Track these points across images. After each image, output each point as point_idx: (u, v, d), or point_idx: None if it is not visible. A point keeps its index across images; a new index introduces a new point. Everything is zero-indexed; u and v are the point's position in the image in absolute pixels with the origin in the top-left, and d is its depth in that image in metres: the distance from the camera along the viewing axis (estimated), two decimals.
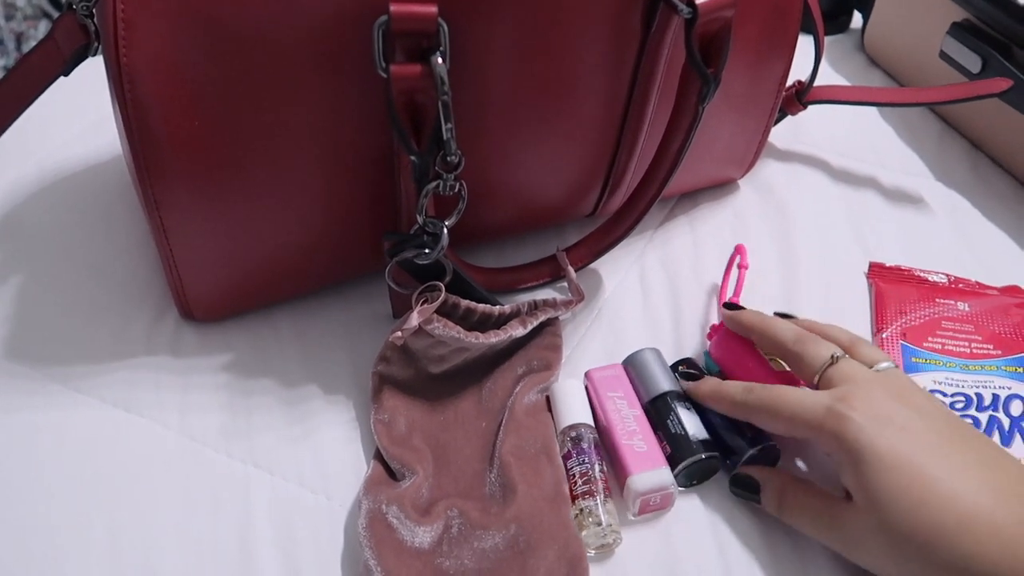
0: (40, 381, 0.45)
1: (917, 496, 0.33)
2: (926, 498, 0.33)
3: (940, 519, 0.32)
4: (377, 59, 0.36)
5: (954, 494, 0.33)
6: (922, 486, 0.33)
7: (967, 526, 0.32)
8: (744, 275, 0.51)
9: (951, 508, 0.33)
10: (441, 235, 0.41)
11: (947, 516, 0.32)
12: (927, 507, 0.33)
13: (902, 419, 0.35)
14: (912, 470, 0.33)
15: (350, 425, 0.44)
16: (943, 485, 0.33)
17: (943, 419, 0.36)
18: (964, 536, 0.32)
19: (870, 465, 0.34)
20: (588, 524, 0.38)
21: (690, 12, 0.39)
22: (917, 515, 0.33)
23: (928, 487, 0.33)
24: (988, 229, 0.58)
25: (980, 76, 0.59)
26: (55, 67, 0.43)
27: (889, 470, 0.34)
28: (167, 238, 0.42)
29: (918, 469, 0.33)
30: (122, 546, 0.39)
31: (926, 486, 0.33)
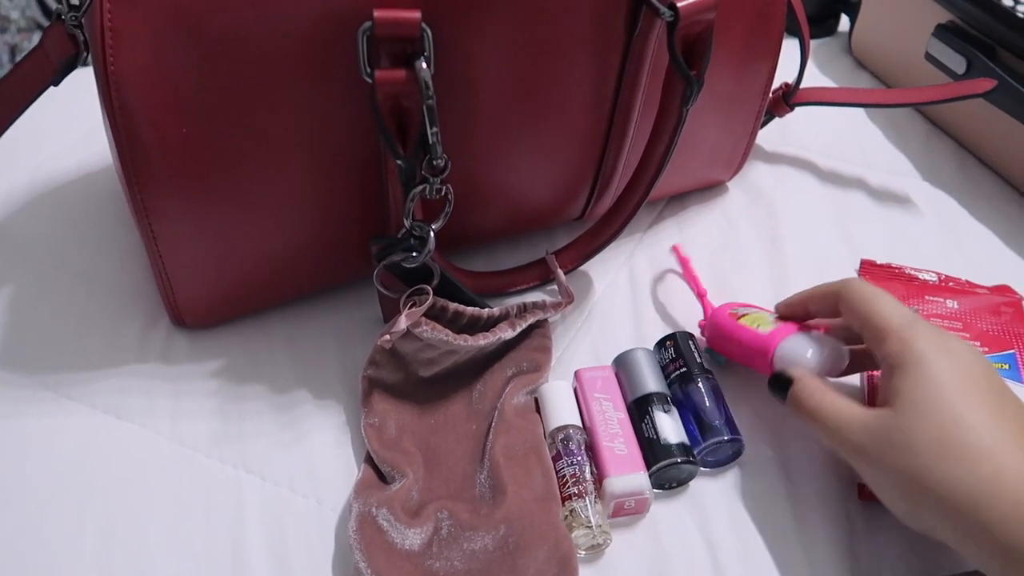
0: (32, 388, 0.45)
1: (951, 422, 0.33)
2: (957, 434, 0.33)
3: (968, 461, 0.33)
4: (362, 64, 0.37)
5: (989, 447, 0.33)
6: (957, 422, 0.34)
7: (993, 481, 0.32)
8: (692, 266, 0.52)
9: (982, 458, 0.33)
10: (428, 239, 0.41)
11: (981, 466, 0.32)
12: (958, 444, 0.33)
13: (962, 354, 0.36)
14: (957, 397, 0.34)
15: (341, 429, 0.44)
16: (978, 436, 0.33)
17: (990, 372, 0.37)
18: (990, 492, 0.32)
19: (926, 372, 0.35)
20: (578, 525, 0.38)
21: (672, 15, 0.40)
22: (945, 439, 0.33)
23: (962, 429, 0.33)
24: (975, 228, 0.58)
25: (965, 77, 0.60)
26: (45, 77, 0.44)
27: (938, 384, 0.34)
28: (157, 245, 0.42)
29: (960, 403, 0.34)
30: (114, 553, 0.39)
31: (961, 424, 0.33)
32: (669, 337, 0.46)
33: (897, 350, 0.36)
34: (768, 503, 0.41)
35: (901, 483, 0.34)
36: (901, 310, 0.38)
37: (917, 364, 0.35)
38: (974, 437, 0.33)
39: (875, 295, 0.39)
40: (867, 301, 0.39)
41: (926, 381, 0.35)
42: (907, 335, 0.36)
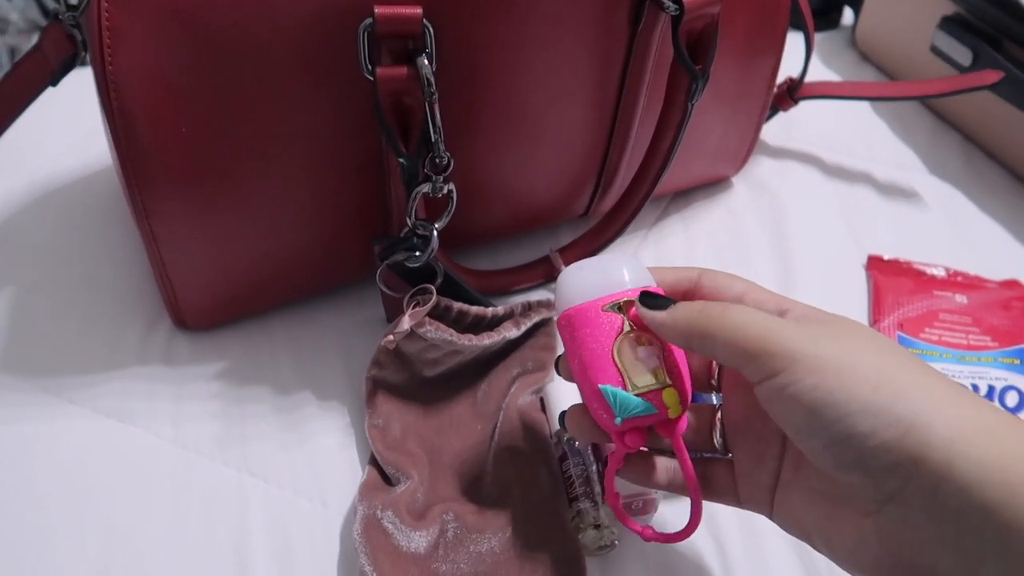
0: (33, 392, 0.45)
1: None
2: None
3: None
4: (363, 62, 0.36)
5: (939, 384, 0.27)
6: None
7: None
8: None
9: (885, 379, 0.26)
10: (431, 237, 0.41)
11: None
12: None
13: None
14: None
15: (345, 431, 0.44)
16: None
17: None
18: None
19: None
20: (586, 526, 0.38)
21: (676, 9, 0.39)
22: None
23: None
24: (983, 222, 0.58)
25: (971, 69, 0.59)
26: (43, 77, 0.43)
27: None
28: (158, 246, 0.41)
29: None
30: (116, 556, 0.38)
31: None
32: None
33: (802, 305, 0.31)
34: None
35: (862, 382, 0.26)
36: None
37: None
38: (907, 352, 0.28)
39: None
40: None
41: (840, 316, 0.30)
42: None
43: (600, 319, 0.32)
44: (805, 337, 0.27)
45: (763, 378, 0.28)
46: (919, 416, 0.25)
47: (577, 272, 0.33)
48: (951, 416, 0.25)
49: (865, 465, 0.26)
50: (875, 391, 0.26)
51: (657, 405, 0.31)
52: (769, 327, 0.28)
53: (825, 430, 0.26)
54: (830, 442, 0.26)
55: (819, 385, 0.26)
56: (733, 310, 0.29)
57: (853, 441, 0.26)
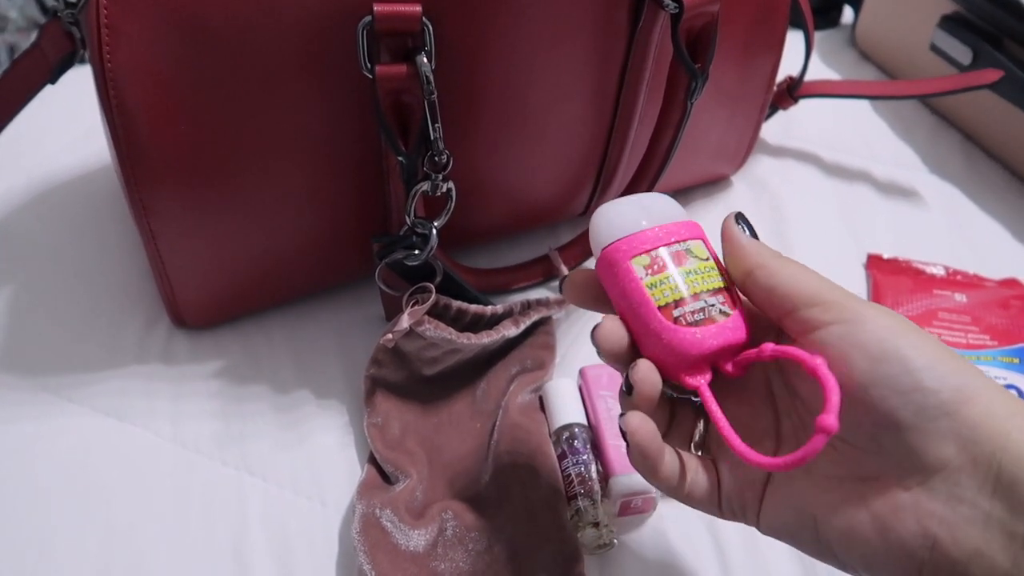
0: (32, 391, 0.45)
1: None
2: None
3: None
4: (362, 60, 0.36)
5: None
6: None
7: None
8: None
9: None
10: (430, 236, 0.41)
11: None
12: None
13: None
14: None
15: (343, 430, 0.44)
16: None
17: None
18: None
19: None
20: (584, 525, 0.38)
21: (676, 7, 0.39)
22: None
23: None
24: (983, 221, 0.58)
25: (971, 68, 0.59)
26: (42, 75, 0.43)
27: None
28: (156, 244, 0.41)
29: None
30: (116, 555, 0.38)
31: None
32: None
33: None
34: None
35: (928, 336, 0.27)
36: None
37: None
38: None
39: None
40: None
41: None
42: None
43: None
44: (862, 302, 0.28)
45: (828, 323, 0.27)
46: (979, 388, 0.25)
47: (621, 207, 0.31)
48: (1006, 396, 0.26)
49: (923, 425, 0.25)
50: (939, 357, 0.26)
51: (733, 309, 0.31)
52: (831, 282, 0.29)
53: (892, 379, 0.26)
54: (892, 392, 0.26)
55: (887, 337, 0.26)
56: (793, 262, 0.31)
57: (917, 395, 0.25)
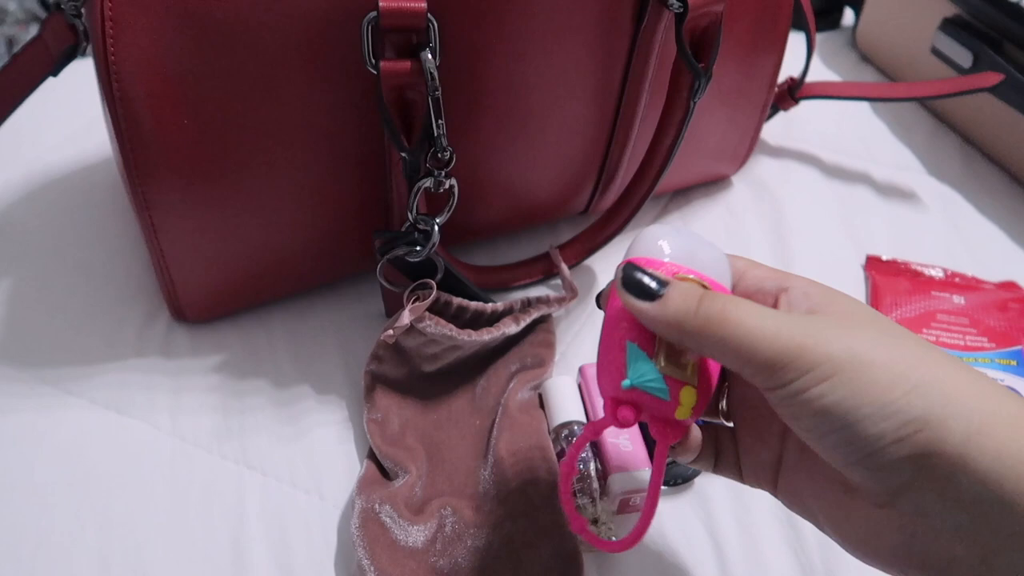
0: (31, 383, 0.45)
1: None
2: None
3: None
4: (366, 55, 0.36)
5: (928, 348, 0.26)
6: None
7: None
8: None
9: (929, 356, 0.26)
10: (432, 232, 0.41)
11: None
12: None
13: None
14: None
15: (343, 425, 0.44)
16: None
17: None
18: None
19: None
20: None
21: (680, 7, 0.39)
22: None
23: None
24: (981, 223, 0.58)
25: (971, 71, 0.59)
26: (44, 67, 0.43)
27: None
28: (157, 238, 0.41)
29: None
30: (114, 548, 0.38)
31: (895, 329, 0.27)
32: None
33: (801, 282, 0.29)
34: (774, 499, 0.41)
35: (864, 367, 0.25)
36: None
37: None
38: (914, 340, 0.27)
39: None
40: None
41: (840, 293, 0.29)
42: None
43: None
44: (814, 336, 0.26)
45: (770, 387, 0.26)
46: (933, 411, 0.24)
47: (661, 231, 0.30)
48: (969, 408, 0.24)
49: (875, 463, 0.25)
50: (888, 390, 0.25)
51: (672, 395, 0.28)
52: (776, 332, 0.26)
53: (835, 433, 0.25)
54: (839, 443, 0.26)
55: (829, 392, 0.25)
56: (733, 312, 0.26)
57: (863, 443, 0.25)
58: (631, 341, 0.28)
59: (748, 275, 0.31)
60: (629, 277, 0.28)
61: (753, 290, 0.31)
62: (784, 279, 0.30)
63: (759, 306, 0.27)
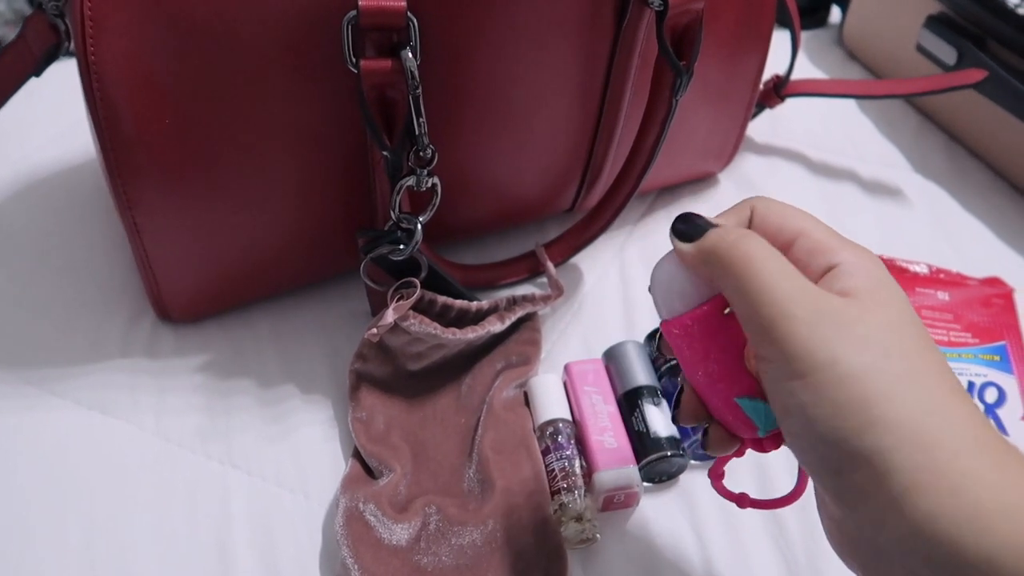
0: (15, 384, 0.44)
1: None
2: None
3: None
4: (347, 54, 0.36)
5: (946, 369, 0.25)
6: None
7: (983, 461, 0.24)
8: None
9: (943, 375, 0.25)
10: (415, 231, 0.41)
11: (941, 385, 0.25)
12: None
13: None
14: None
15: (328, 424, 0.44)
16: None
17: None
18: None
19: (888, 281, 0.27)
20: (568, 519, 0.38)
21: (661, 5, 0.40)
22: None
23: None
24: (966, 220, 0.58)
25: (956, 68, 0.59)
26: (26, 67, 0.43)
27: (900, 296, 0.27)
28: (141, 238, 0.41)
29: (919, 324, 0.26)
30: (98, 549, 0.38)
31: (922, 338, 0.26)
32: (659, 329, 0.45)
33: (854, 259, 0.28)
34: (759, 495, 0.41)
35: (860, 385, 0.24)
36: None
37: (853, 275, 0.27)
38: (936, 356, 0.25)
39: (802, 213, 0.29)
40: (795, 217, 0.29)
41: (888, 285, 0.27)
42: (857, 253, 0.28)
43: (724, 324, 0.28)
44: (810, 324, 0.25)
45: (758, 355, 0.26)
46: (879, 454, 0.24)
47: (673, 266, 0.29)
48: (918, 463, 0.23)
49: (817, 479, 0.25)
50: (847, 416, 0.24)
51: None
52: (782, 297, 0.25)
53: (788, 432, 0.26)
54: (792, 438, 0.26)
55: (797, 391, 0.25)
56: (758, 263, 0.26)
57: (809, 457, 0.25)
58: (739, 397, 0.28)
59: (800, 241, 0.28)
60: (677, 225, 0.29)
61: (802, 264, 0.28)
62: (835, 254, 0.27)
63: (786, 265, 0.26)
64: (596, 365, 0.44)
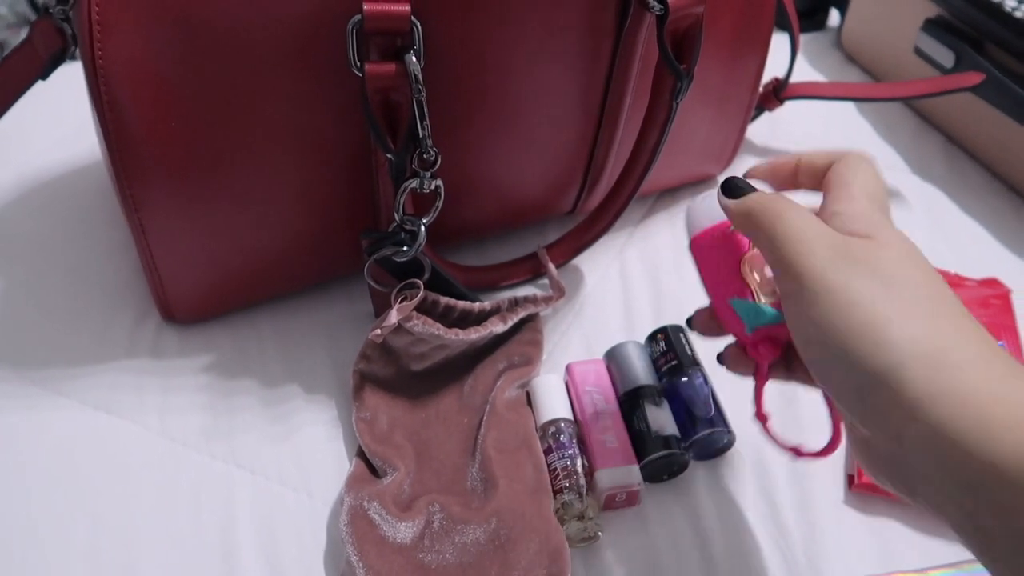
0: (20, 384, 0.45)
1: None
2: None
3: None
4: (351, 58, 0.37)
5: (976, 335, 0.27)
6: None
7: (982, 370, 0.26)
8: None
9: (956, 314, 0.28)
10: (419, 233, 0.41)
11: (959, 319, 0.27)
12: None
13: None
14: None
15: (332, 424, 0.44)
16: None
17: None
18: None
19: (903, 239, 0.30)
20: (570, 518, 0.39)
21: (661, 9, 0.40)
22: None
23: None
24: (964, 222, 0.58)
25: (953, 71, 0.60)
26: (33, 71, 0.43)
27: (913, 247, 0.30)
28: (147, 239, 0.42)
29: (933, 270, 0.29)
30: (104, 548, 0.39)
31: (936, 281, 0.29)
32: (660, 330, 0.46)
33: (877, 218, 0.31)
34: (759, 495, 0.41)
35: (861, 309, 0.27)
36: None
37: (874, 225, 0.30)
38: (941, 287, 0.28)
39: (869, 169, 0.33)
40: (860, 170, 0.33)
41: (904, 239, 0.30)
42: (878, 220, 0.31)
43: (728, 238, 0.34)
44: (828, 261, 0.28)
45: (783, 296, 0.30)
46: (892, 371, 0.26)
47: (704, 200, 0.35)
48: (930, 370, 0.26)
49: (848, 404, 0.28)
50: (859, 338, 0.27)
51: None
52: (809, 240, 0.29)
53: (811, 362, 0.29)
54: (815, 369, 0.29)
55: (814, 319, 0.28)
56: (787, 215, 0.30)
57: (836, 375, 0.28)
58: (731, 298, 0.33)
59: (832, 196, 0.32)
60: (725, 185, 0.33)
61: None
62: (833, 202, 0.32)
63: (810, 217, 0.30)
64: (597, 365, 0.45)
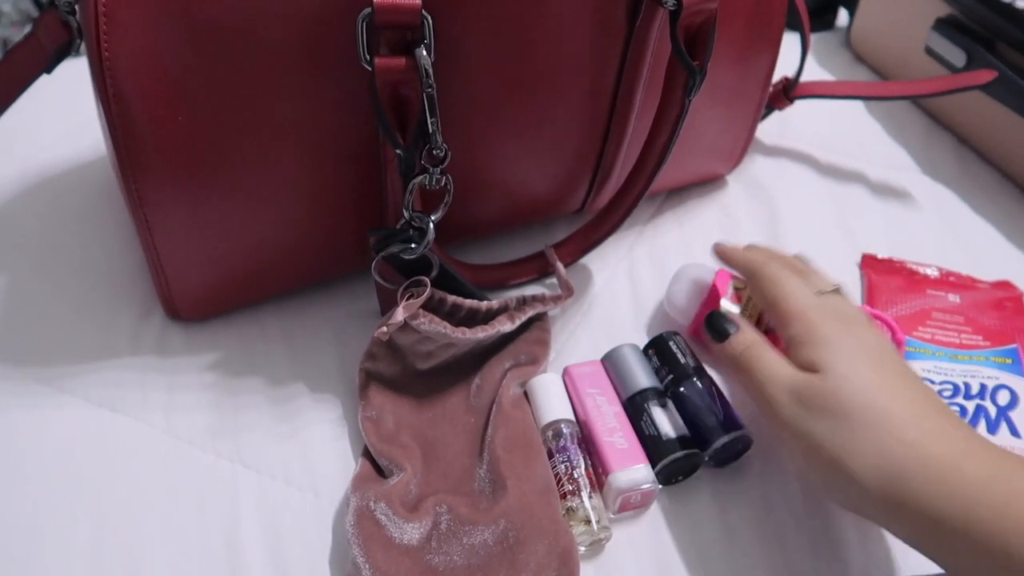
0: (25, 382, 0.44)
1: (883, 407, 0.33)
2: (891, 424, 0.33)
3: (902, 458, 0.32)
4: (361, 52, 0.36)
5: (912, 415, 0.33)
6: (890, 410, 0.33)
7: (932, 472, 0.31)
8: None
9: (907, 425, 0.33)
10: (427, 230, 0.41)
11: (906, 432, 0.32)
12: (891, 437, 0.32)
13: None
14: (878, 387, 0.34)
15: (338, 423, 0.44)
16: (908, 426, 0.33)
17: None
18: (927, 481, 0.31)
19: (840, 346, 0.36)
20: (577, 522, 0.38)
21: (675, 4, 0.39)
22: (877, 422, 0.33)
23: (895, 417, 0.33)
24: (975, 222, 0.58)
25: (964, 70, 0.59)
26: (38, 65, 0.43)
27: (854, 357, 0.35)
28: (152, 236, 0.41)
29: (877, 376, 0.35)
30: (108, 547, 0.38)
31: (883, 393, 0.34)
32: (650, 344, 0.45)
33: (802, 331, 0.37)
34: (772, 495, 0.41)
35: (825, 449, 0.33)
36: (805, 293, 0.38)
37: (825, 344, 0.36)
38: (897, 406, 0.33)
39: (781, 279, 0.39)
40: (774, 284, 0.39)
41: (843, 353, 0.35)
42: (812, 316, 0.37)
43: (711, 303, 0.46)
44: (793, 408, 0.35)
45: (769, 415, 0.37)
46: (858, 491, 0.33)
47: (680, 282, 0.48)
48: (887, 488, 0.32)
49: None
50: (828, 471, 0.34)
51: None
52: (773, 393, 0.36)
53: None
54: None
55: (787, 448, 0.37)
56: (761, 364, 0.37)
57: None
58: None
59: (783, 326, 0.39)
60: (709, 322, 0.41)
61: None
62: (782, 327, 0.38)
63: (777, 362, 0.37)
64: (595, 367, 0.44)
